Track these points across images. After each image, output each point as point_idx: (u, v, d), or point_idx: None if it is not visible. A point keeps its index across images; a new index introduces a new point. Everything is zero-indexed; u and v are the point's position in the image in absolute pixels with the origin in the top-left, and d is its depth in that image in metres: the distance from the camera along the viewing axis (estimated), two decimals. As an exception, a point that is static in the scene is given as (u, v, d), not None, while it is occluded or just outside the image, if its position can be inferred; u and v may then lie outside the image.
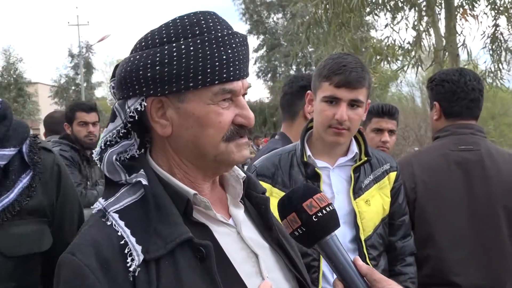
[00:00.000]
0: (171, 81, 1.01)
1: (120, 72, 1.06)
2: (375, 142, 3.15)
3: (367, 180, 1.99)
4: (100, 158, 1.10)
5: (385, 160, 2.07)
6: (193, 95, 1.03)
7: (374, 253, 1.95)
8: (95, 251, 0.95)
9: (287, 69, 34.61)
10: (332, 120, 1.90)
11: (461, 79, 2.33)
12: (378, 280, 1.05)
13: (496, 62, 7.99)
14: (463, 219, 2.22)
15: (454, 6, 7.66)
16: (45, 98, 39.11)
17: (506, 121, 19.64)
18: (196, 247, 0.99)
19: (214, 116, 1.04)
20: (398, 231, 2.08)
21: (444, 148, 2.31)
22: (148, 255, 0.95)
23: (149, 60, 1.02)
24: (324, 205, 1.07)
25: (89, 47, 40.04)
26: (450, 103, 2.34)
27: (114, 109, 1.09)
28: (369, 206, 1.96)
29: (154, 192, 1.02)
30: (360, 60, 1.98)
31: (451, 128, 2.34)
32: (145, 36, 1.07)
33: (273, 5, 35.79)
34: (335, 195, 1.95)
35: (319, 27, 8.40)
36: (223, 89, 1.03)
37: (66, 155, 3.68)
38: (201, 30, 1.03)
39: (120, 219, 1.00)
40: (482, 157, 2.25)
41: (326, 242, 1.07)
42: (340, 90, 1.88)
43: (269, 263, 1.12)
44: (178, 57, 1.00)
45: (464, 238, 2.21)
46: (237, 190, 1.17)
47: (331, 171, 1.98)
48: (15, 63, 37.91)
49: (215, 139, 1.05)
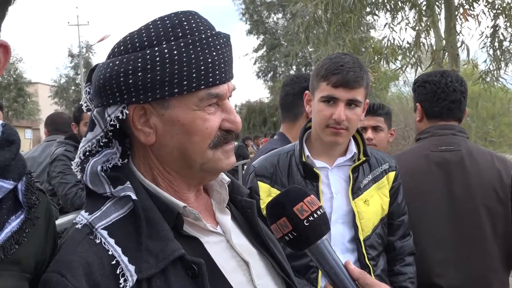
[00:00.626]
0: (154, 88, 0.95)
1: (99, 79, 1.00)
2: None
3: (366, 180, 1.99)
4: (81, 169, 1.03)
5: (384, 160, 2.07)
6: (178, 101, 0.98)
7: (373, 253, 1.95)
8: (85, 272, 0.89)
9: (287, 69, 34.60)
10: (330, 120, 1.90)
11: (442, 80, 2.35)
12: (370, 285, 1.03)
13: (495, 62, 7.99)
14: (444, 219, 2.23)
15: (454, 6, 7.66)
16: (45, 98, 39.12)
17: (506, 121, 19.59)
18: (188, 264, 0.95)
19: (200, 122, 0.99)
20: (397, 231, 2.08)
21: (425, 149, 2.33)
22: (140, 275, 0.90)
23: (130, 66, 0.95)
24: (315, 208, 1.05)
25: (89, 47, 40.05)
26: (431, 104, 2.37)
27: (92, 117, 1.03)
28: (368, 206, 1.96)
29: (143, 206, 0.97)
30: (359, 59, 1.98)
31: (431, 130, 2.36)
32: (124, 40, 1.00)
33: (273, 5, 35.78)
34: (334, 195, 1.94)
35: (319, 27, 8.40)
36: (209, 94, 0.99)
37: (70, 156, 3.69)
38: (183, 32, 0.97)
39: (110, 236, 0.93)
40: (462, 157, 2.26)
41: (317, 247, 1.05)
42: (338, 90, 1.88)
43: (258, 269, 1.09)
44: (161, 62, 0.95)
45: (445, 239, 2.22)
46: (222, 195, 1.13)
47: (329, 171, 1.98)
48: (15, 63, 37.91)
49: (201, 147, 1.00)
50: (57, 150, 3.76)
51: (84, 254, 0.92)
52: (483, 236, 2.21)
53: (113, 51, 1.01)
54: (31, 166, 4.17)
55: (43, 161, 4.03)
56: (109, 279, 0.90)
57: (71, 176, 3.66)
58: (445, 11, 7.72)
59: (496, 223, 2.22)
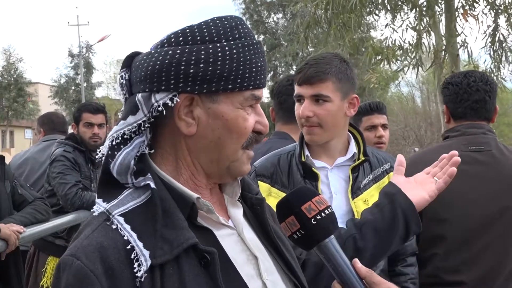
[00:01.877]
0: (211, 81, 1.00)
1: (153, 64, 1.01)
2: (371, 139, 3.15)
3: (366, 179, 1.99)
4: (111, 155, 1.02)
5: (385, 160, 2.07)
6: (226, 97, 1.02)
7: None
8: (101, 256, 0.91)
9: (287, 69, 34.60)
10: (301, 119, 1.93)
11: (464, 80, 2.34)
12: (377, 283, 1.04)
13: (496, 62, 7.99)
14: (474, 219, 2.22)
15: (455, 6, 7.66)
16: (45, 98, 39.10)
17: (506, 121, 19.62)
18: (201, 253, 0.97)
19: (241, 120, 1.04)
20: None
21: (454, 148, 2.31)
22: (155, 260, 0.92)
23: (193, 57, 0.99)
24: (323, 207, 1.07)
25: (89, 47, 40.05)
26: (454, 105, 2.37)
27: (136, 102, 1.02)
28: (368, 206, 1.95)
29: (161, 196, 0.99)
30: (335, 56, 1.97)
31: (461, 128, 2.34)
32: (183, 31, 1.03)
33: (273, 5, 35.79)
34: (333, 195, 1.94)
35: (319, 27, 8.39)
36: (253, 95, 1.05)
37: (68, 156, 3.70)
38: (240, 34, 1.04)
39: (126, 222, 0.96)
40: (493, 158, 2.25)
41: (325, 245, 1.07)
42: (302, 87, 1.91)
43: (268, 265, 1.11)
44: (223, 57, 1.00)
45: (472, 237, 2.22)
46: (235, 189, 1.15)
47: (329, 171, 1.98)
48: (15, 63, 37.88)
49: (237, 144, 1.05)
50: (56, 150, 3.76)
51: (100, 239, 0.94)
52: (510, 236, 2.21)
53: (168, 40, 1.03)
54: (33, 166, 4.17)
55: (45, 161, 4.03)
56: (124, 263, 0.92)
57: (70, 176, 3.66)
58: (445, 12, 7.72)
59: None
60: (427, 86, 19.86)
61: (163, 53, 1.01)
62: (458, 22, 7.62)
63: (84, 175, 3.78)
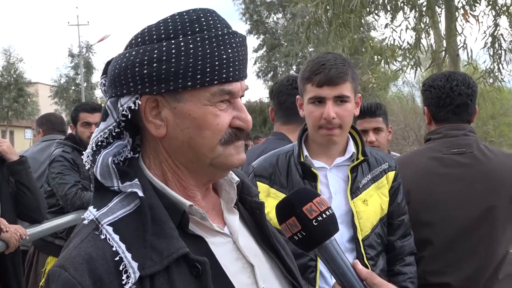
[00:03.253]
0: (168, 79, 0.96)
1: (114, 69, 1.00)
2: None
3: (365, 179, 1.99)
4: (93, 160, 1.03)
5: (383, 160, 2.07)
6: (191, 95, 0.98)
7: (372, 253, 1.95)
8: (89, 267, 0.89)
9: (287, 69, 34.59)
10: (321, 121, 1.90)
11: (447, 84, 2.33)
12: (378, 285, 1.03)
13: (496, 62, 7.98)
14: (457, 221, 2.23)
15: (455, 7, 7.65)
16: (45, 98, 39.11)
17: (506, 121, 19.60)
18: (192, 263, 0.95)
19: (211, 117, 0.99)
20: (397, 230, 2.07)
21: (437, 151, 2.32)
22: (143, 272, 0.90)
23: (146, 57, 0.96)
24: (324, 209, 1.05)
25: (89, 47, 40.07)
26: (437, 109, 2.37)
27: (105, 108, 1.02)
28: (367, 206, 1.96)
29: (150, 203, 0.97)
30: (342, 56, 1.98)
31: (443, 131, 2.35)
32: (142, 32, 1.01)
33: (273, 5, 35.78)
34: (333, 195, 1.94)
35: (319, 27, 8.39)
36: (222, 90, 0.99)
37: (67, 157, 3.71)
38: (200, 27, 0.98)
39: (115, 232, 0.94)
40: (475, 159, 2.26)
41: (325, 247, 1.05)
42: (323, 88, 1.89)
43: (264, 272, 1.09)
44: (177, 54, 0.96)
45: (457, 240, 2.22)
46: (231, 195, 1.12)
47: (328, 171, 1.98)
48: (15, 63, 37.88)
49: (211, 142, 1.01)
50: (55, 151, 3.77)
51: (88, 249, 0.92)
52: (497, 238, 2.21)
53: (130, 43, 1.02)
54: (33, 166, 4.17)
55: (44, 161, 4.04)
56: (112, 275, 0.90)
57: (69, 176, 3.66)
58: (445, 12, 7.71)
59: (506, 225, 2.22)
60: (427, 86, 19.99)
61: (122, 56, 1.00)
62: (459, 22, 7.62)
63: (83, 175, 3.78)
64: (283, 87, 2.78)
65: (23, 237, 2.82)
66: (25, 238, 2.85)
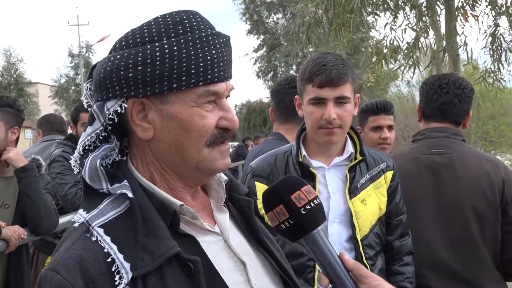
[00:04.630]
0: (153, 82, 0.96)
1: (99, 73, 1.01)
2: (376, 140, 3.14)
3: (363, 179, 1.99)
4: (81, 164, 1.03)
5: (381, 159, 2.07)
6: (177, 97, 0.98)
7: (370, 252, 1.95)
8: (81, 269, 0.89)
9: (287, 69, 34.60)
10: (322, 121, 1.90)
11: (436, 82, 2.38)
12: (364, 275, 1.03)
13: (496, 62, 7.97)
14: (432, 221, 2.25)
15: (455, 7, 7.65)
16: (45, 98, 39.13)
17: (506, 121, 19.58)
18: (184, 262, 0.95)
19: (197, 118, 0.99)
20: (395, 230, 2.08)
21: (416, 152, 2.36)
22: (136, 272, 0.90)
23: (130, 60, 0.97)
24: (312, 197, 1.04)
25: (89, 47, 40.08)
26: (425, 104, 2.42)
27: (92, 112, 1.03)
28: (365, 205, 1.96)
29: (140, 204, 0.97)
30: (341, 57, 1.98)
31: (426, 132, 2.39)
32: (126, 35, 1.02)
33: (273, 5, 35.79)
34: (331, 195, 1.95)
35: (320, 27, 8.39)
36: (207, 91, 0.99)
37: (67, 157, 3.70)
38: (184, 29, 0.98)
39: (106, 234, 0.94)
40: (452, 160, 2.27)
41: (313, 236, 1.04)
42: (324, 89, 1.89)
43: (256, 269, 1.09)
44: (161, 57, 0.96)
45: (434, 240, 2.24)
46: (220, 194, 1.13)
47: (326, 171, 1.98)
48: (15, 63, 37.90)
49: (198, 143, 1.01)
50: (55, 151, 3.77)
51: (80, 251, 0.92)
52: (472, 238, 2.22)
53: (114, 47, 1.03)
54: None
55: (44, 161, 4.02)
56: (105, 276, 0.90)
57: (69, 176, 3.66)
58: (445, 12, 7.71)
59: (485, 226, 2.22)
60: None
61: (107, 60, 1.00)
62: (459, 22, 7.61)
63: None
64: (281, 87, 2.79)
65: (21, 236, 2.82)
66: (23, 238, 2.84)
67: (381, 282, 1.02)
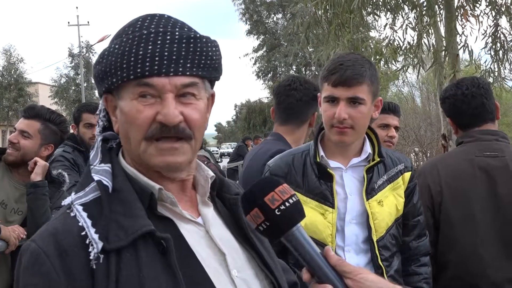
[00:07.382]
0: (103, 78, 1.06)
1: None
2: (382, 137, 3.21)
3: (381, 180, 1.99)
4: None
5: (399, 160, 2.06)
6: (124, 91, 1.05)
7: (386, 254, 1.95)
8: (55, 239, 0.98)
9: (287, 69, 34.62)
10: (333, 120, 1.90)
11: (457, 91, 2.39)
12: (348, 271, 1.03)
13: (496, 62, 7.97)
14: (488, 221, 2.25)
15: (455, 7, 7.64)
16: (45, 98, 39.11)
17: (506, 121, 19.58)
18: (158, 240, 1.00)
19: (134, 112, 1.04)
20: (413, 231, 2.07)
21: (469, 154, 2.35)
22: (108, 245, 0.96)
23: (98, 57, 1.08)
24: (287, 197, 1.03)
25: (89, 47, 40.05)
26: (457, 117, 2.43)
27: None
28: (382, 206, 1.95)
29: (120, 187, 1.05)
30: (364, 58, 1.97)
31: (475, 134, 2.38)
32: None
33: (273, 5, 35.81)
34: (348, 195, 1.94)
35: (319, 27, 8.39)
36: (138, 83, 1.02)
37: (68, 157, 3.70)
38: (133, 29, 1.05)
39: (84, 211, 1.02)
40: (507, 163, 2.28)
41: (292, 234, 1.04)
42: (337, 89, 1.88)
43: (239, 262, 1.12)
44: (107, 54, 1.05)
45: (489, 240, 2.24)
46: (205, 189, 1.16)
47: (344, 172, 1.97)
48: (15, 63, 37.90)
49: (136, 137, 1.05)
50: (56, 150, 3.76)
51: (56, 225, 1.02)
52: None
53: None
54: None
55: (44, 161, 4.03)
56: (78, 248, 0.97)
57: (70, 176, 3.65)
58: (445, 12, 7.70)
59: None
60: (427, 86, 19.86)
61: None
62: (459, 22, 7.61)
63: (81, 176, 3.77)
64: (282, 88, 2.79)
65: (21, 236, 2.82)
66: (23, 237, 2.84)
67: (365, 274, 1.03)
